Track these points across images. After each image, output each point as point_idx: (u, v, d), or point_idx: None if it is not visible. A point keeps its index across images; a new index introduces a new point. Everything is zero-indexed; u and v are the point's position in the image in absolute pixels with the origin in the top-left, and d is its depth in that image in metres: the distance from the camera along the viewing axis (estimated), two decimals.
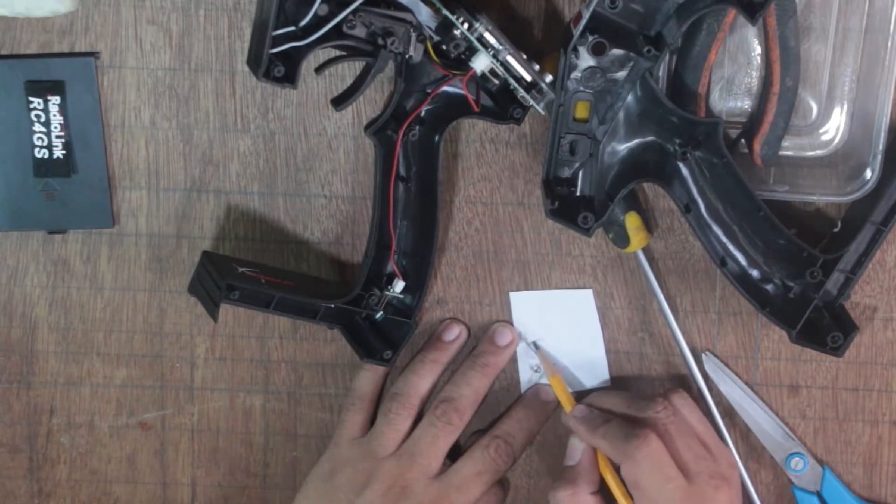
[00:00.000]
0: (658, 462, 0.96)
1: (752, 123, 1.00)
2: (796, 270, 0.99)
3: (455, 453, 1.04)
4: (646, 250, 1.03)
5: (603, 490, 1.00)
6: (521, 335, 1.06)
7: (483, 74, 0.96)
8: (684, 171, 0.98)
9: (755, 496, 1.06)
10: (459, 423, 1.04)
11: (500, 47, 0.95)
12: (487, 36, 0.95)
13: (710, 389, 1.05)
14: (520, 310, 1.06)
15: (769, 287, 1.00)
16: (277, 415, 1.08)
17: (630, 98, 0.97)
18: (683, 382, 1.06)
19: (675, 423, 0.99)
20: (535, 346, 1.06)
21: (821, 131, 1.02)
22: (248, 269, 1.01)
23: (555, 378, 1.04)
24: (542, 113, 0.97)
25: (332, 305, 1.01)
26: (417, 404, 1.04)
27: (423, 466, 1.02)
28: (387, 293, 1.02)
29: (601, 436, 0.99)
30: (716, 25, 0.96)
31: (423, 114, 0.99)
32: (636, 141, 0.98)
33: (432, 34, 0.95)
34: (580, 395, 1.05)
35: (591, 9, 0.92)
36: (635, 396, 1.03)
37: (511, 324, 1.06)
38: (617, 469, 0.99)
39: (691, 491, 0.96)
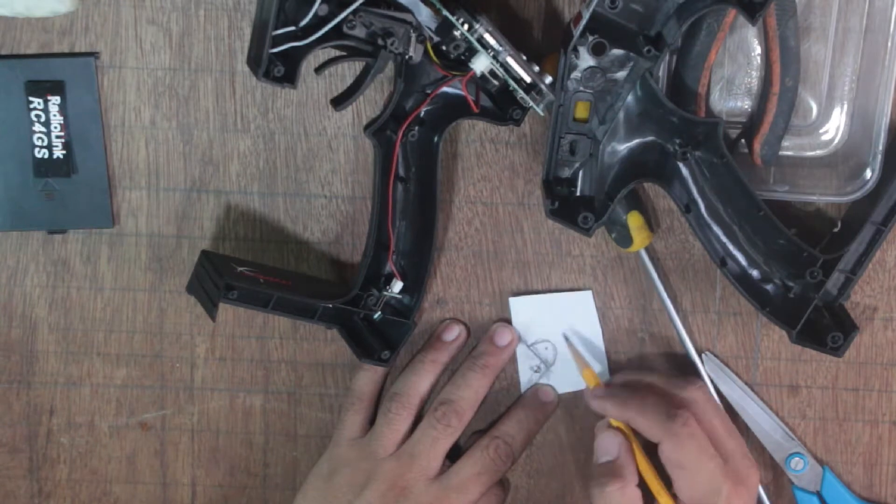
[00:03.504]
0: (699, 439, 0.97)
1: (752, 123, 1.00)
2: (796, 270, 0.99)
3: (455, 454, 1.04)
4: (646, 250, 1.03)
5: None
6: (522, 337, 1.06)
7: (483, 75, 0.96)
8: (684, 171, 0.98)
9: (762, 492, 1.06)
10: (459, 424, 1.04)
11: (500, 48, 0.95)
12: (487, 37, 0.95)
13: (712, 389, 1.05)
14: (519, 314, 1.06)
15: (769, 287, 1.00)
16: (277, 415, 1.08)
17: (630, 98, 0.97)
18: None
19: (707, 404, 1.00)
20: (566, 338, 1.05)
21: (821, 131, 1.02)
22: (246, 268, 1.01)
23: (588, 371, 1.04)
24: (542, 114, 0.97)
25: (331, 305, 1.01)
26: (417, 404, 1.04)
27: (422, 468, 1.02)
28: (385, 293, 1.02)
29: (637, 410, 0.99)
30: (716, 25, 0.96)
31: (422, 114, 0.99)
32: (636, 141, 0.98)
33: (432, 35, 0.95)
34: (580, 396, 1.05)
35: (591, 9, 0.92)
36: (670, 375, 1.04)
37: (511, 324, 1.06)
38: (649, 453, 0.99)
39: (728, 470, 0.97)
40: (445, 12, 0.94)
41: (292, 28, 0.93)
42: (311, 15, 0.92)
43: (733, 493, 0.96)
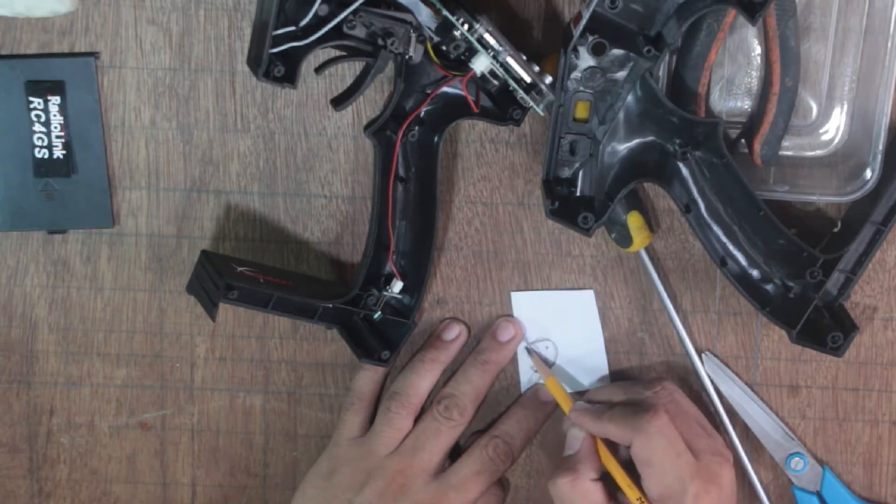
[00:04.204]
0: (669, 436, 0.96)
1: (752, 123, 1.00)
2: (796, 270, 0.99)
3: (455, 454, 1.04)
4: (647, 250, 1.03)
5: (604, 479, 1.00)
6: (523, 335, 1.06)
7: (483, 75, 0.96)
8: (684, 171, 0.98)
9: (761, 492, 1.06)
10: (461, 419, 1.04)
11: (500, 48, 0.95)
12: (487, 37, 0.95)
13: (712, 389, 1.05)
14: (521, 310, 1.06)
15: (769, 287, 1.00)
16: (277, 415, 1.08)
17: (630, 98, 0.97)
18: (684, 382, 1.06)
19: (674, 404, 1.00)
20: (528, 350, 1.06)
21: (821, 131, 1.02)
22: (246, 268, 1.01)
23: (551, 380, 1.04)
24: (542, 114, 0.97)
25: (331, 305, 1.01)
26: (417, 403, 1.04)
27: (423, 461, 1.02)
28: (385, 293, 1.02)
29: (608, 420, 0.99)
30: (716, 25, 0.96)
31: (422, 114, 0.99)
32: (636, 141, 0.98)
33: (432, 35, 0.95)
34: (579, 396, 1.05)
35: (591, 9, 0.92)
36: (629, 384, 1.04)
37: (514, 319, 1.06)
38: (622, 461, 0.99)
39: (699, 467, 0.96)
40: (445, 12, 0.94)
41: (292, 28, 0.93)
42: (311, 15, 0.92)
43: (702, 491, 0.96)
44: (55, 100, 1.02)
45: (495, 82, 0.97)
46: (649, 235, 1.03)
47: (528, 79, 0.96)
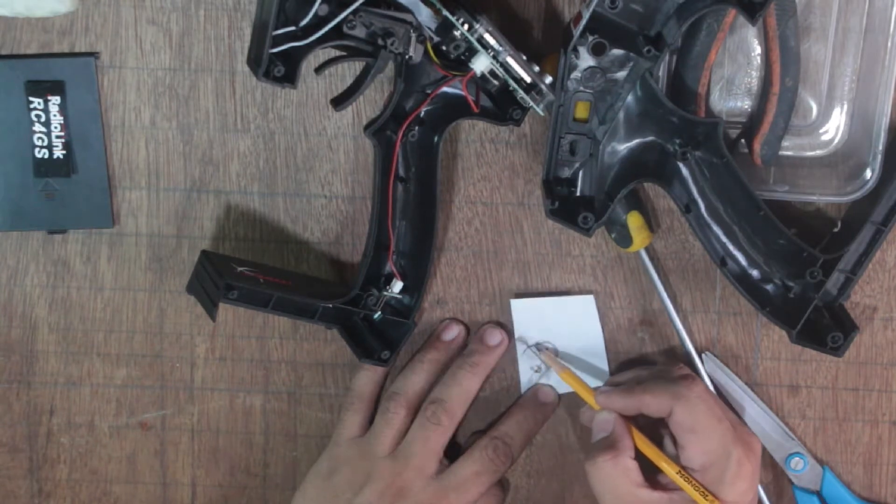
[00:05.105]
0: (709, 401, 0.97)
1: (752, 123, 1.00)
2: (796, 270, 0.99)
3: (455, 454, 1.04)
4: (647, 250, 1.03)
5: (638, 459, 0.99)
6: (523, 339, 1.06)
7: (483, 75, 0.96)
8: (684, 171, 0.98)
9: (761, 492, 1.06)
10: (449, 423, 1.03)
11: (500, 48, 0.95)
12: (487, 37, 0.95)
13: (712, 389, 1.05)
14: (521, 316, 1.06)
15: (769, 287, 1.00)
16: (277, 415, 1.08)
17: (630, 98, 0.97)
18: None
19: (698, 383, 1.00)
20: (538, 348, 1.06)
21: (821, 131, 1.02)
22: (246, 268, 1.01)
23: (566, 372, 1.03)
24: (542, 114, 0.97)
25: (331, 305, 1.01)
26: (416, 403, 1.04)
27: (417, 468, 1.02)
28: (385, 293, 1.02)
29: (642, 392, 0.99)
30: (716, 25, 0.96)
31: (422, 114, 0.99)
32: (636, 141, 0.98)
33: (432, 35, 0.95)
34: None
35: (591, 9, 0.92)
36: (649, 366, 1.04)
37: (504, 325, 1.06)
38: (653, 439, 0.99)
39: (736, 434, 0.97)
40: (445, 12, 0.94)
41: (292, 28, 0.93)
42: (311, 15, 0.92)
43: (743, 457, 0.96)
44: (55, 100, 1.02)
45: (495, 82, 0.97)
46: (649, 235, 1.03)
47: (528, 79, 0.96)
